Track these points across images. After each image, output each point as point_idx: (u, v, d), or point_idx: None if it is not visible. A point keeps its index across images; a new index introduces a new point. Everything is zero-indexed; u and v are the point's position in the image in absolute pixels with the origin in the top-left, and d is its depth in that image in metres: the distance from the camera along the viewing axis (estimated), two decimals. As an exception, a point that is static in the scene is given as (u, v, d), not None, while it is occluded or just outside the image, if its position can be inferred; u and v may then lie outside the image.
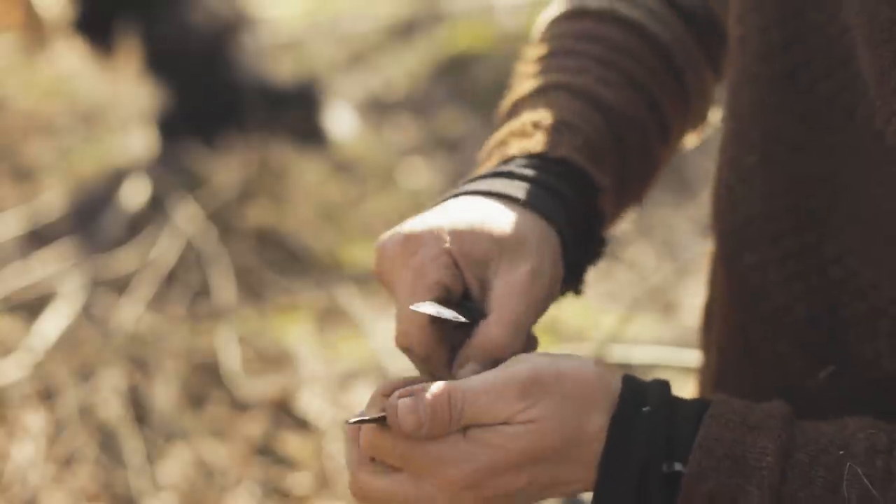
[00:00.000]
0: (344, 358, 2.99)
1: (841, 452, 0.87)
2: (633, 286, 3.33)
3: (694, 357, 1.24)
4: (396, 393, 0.89)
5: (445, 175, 4.01)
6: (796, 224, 1.01)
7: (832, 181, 0.99)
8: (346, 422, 0.92)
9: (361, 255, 3.46)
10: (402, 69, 4.92)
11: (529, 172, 1.03)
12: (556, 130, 1.07)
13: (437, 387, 0.88)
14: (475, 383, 0.89)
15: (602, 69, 1.14)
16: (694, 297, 3.16)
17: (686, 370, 2.48)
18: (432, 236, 0.98)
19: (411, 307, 0.95)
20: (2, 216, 3.74)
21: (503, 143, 1.09)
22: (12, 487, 2.54)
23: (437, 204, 1.04)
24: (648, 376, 3.12)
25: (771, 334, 1.04)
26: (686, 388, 1.34)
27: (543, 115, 1.09)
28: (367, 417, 0.90)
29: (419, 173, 4.03)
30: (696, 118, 1.24)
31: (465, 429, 0.89)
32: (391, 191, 3.90)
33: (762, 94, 1.02)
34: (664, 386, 0.93)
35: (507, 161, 1.06)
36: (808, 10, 0.99)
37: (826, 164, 0.99)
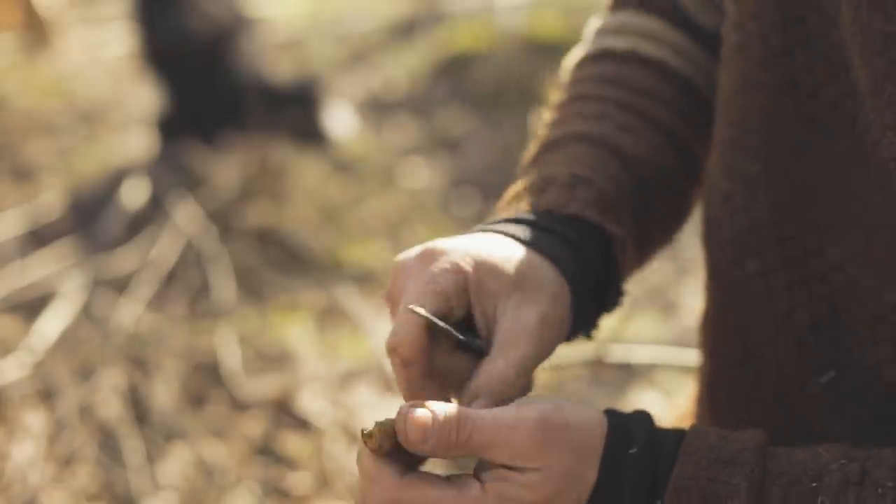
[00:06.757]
0: (344, 358, 2.99)
1: (814, 485, 0.87)
2: (633, 286, 3.32)
3: (694, 357, 1.24)
4: (408, 403, 0.89)
5: (445, 175, 4.01)
6: (800, 230, 1.01)
7: (836, 187, 0.99)
8: (362, 431, 0.90)
9: (361, 255, 3.46)
10: (402, 69, 4.92)
11: (543, 223, 1.03)
12: (569, 186, 1.06)
13: (449, 408, 0.89)
14: (486, 416, 0.89)
15: (623, 114, 1.13)
16: (694, 297, 3.16)
17: (686, 370, 2.48)
18: (452, 253, 0.98)
19: (411, 306, 0.95)
20: (2, 216, 3.75)
21: (518, 197, 1.08)
22: (12, 487, 2.54)
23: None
24: (648, 376, 3.09)
25: (771, 340, 1.04)
26: (686, 388, 1.34)
27: (558, 170, 1.08)
28: (378, 422, 0.89)
29: (419, 173, 4.03)
30: None
31: (481, 480, 0.89)
32: (391, 191, 3.90)
33: (764, 100, 1.02)
34: (646, 420, 0.92)
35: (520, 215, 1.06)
36: (809, 15, 0.98)
37: (830, 169, 0.99)
